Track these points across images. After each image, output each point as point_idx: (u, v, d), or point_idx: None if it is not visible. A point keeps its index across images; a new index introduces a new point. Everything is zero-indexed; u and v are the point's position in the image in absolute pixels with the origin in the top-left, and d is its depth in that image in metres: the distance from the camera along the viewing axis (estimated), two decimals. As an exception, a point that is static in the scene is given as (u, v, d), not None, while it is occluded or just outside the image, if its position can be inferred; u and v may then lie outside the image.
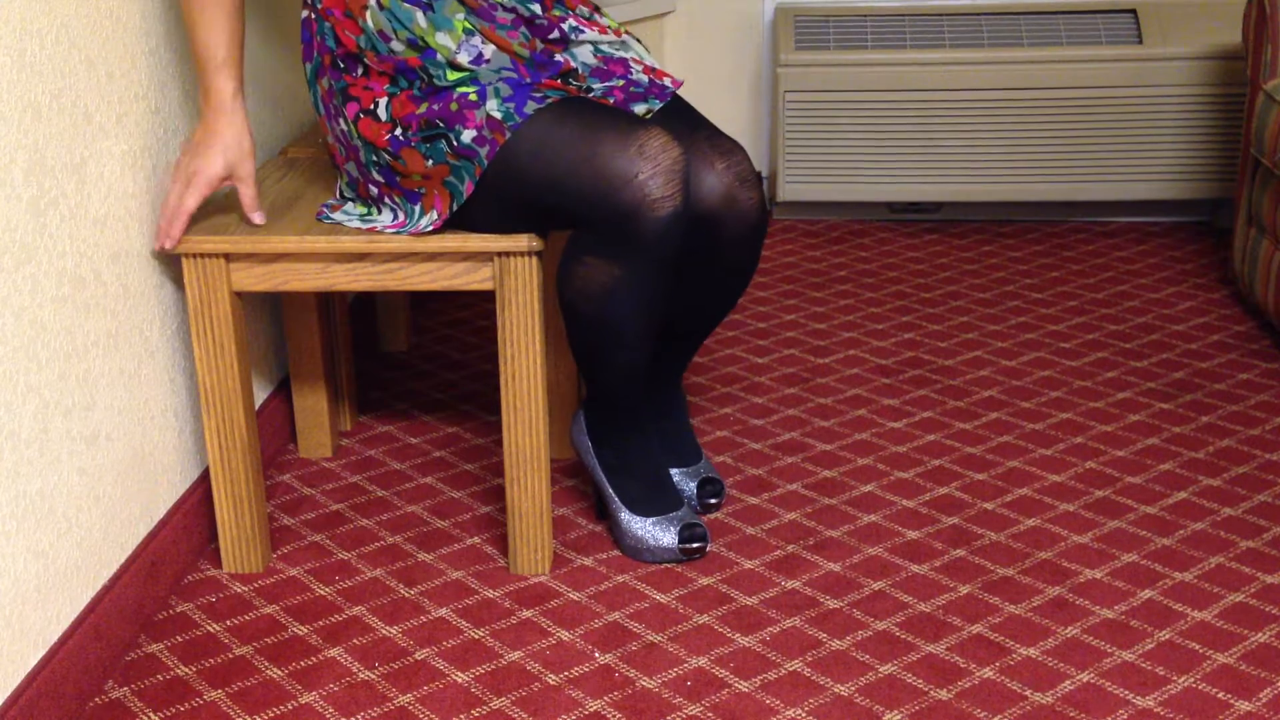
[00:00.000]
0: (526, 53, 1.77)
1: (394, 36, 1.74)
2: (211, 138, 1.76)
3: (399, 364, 2.62)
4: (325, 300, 2.21)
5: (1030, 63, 3.15)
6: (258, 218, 1.79)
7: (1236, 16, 3.16)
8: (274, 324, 2.26)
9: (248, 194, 1.79)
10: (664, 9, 3.31)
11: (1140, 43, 3.14)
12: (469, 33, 1.74)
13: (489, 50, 1.75)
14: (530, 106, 1.72)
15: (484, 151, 1.72)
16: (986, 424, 2.33)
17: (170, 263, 1.89)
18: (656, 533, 1.92)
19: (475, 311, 2.88)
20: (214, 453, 1.87)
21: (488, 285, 1.81)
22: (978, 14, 3.23)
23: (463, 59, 1.74)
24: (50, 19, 1.57)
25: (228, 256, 1.80)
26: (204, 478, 1.99)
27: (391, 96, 1.77)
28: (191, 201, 1.76)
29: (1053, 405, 2.39)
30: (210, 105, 1.75)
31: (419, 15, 1.74)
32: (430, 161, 1.75)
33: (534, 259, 1.78)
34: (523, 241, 1.77)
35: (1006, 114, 3.19)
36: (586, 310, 1.78)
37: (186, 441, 1.95)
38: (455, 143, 1.73)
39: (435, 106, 1.74)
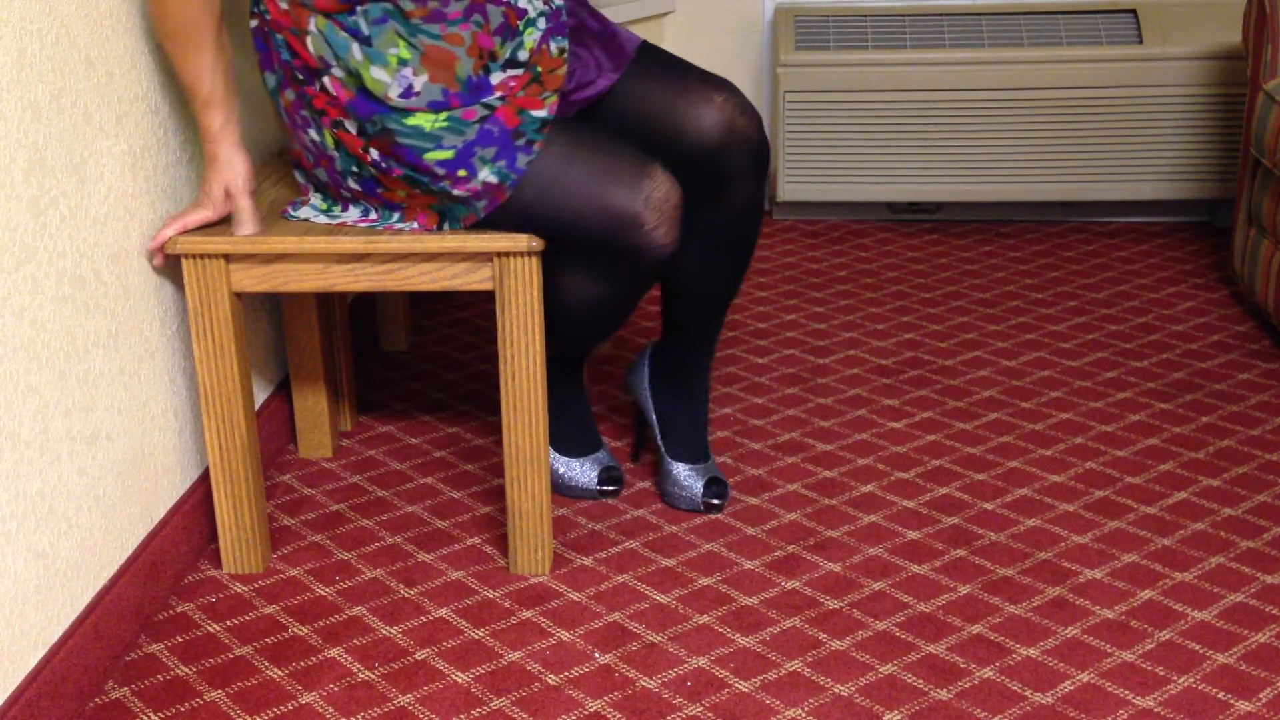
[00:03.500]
0: (465, 72, 1.75)
1: (335, 64, 1.75)
2: (208, 166, 1.81)
3: (399, 364, 2.62)
4: (325, 300, 2.21)
5: (1030, 63, 3.15)
6: (243, 229, 1.80)
7: (1236, 16, 3.16)
8: (274, 324, 2.26)
9: (240, 206, 1.81)
10: (664, 9, 3.31)
11: (1140, 43, 3.14)
12: (403, 62, 1.73)
13: (419, 82, 1.73)
14: (522, 160, 1.75)
15: (481, 205, 1.76)
16: (986, 424, 2.33)
17: (170, 263, 1.89)
18: (578, 472, 2.10)
19: (475, 311, 2.88)
20: (214, 453, 1.87)
21: (487, 285, 1.81)
22: (978, 14, 3.23)
23: (394, 94, 1.73)
24: (50, 19, 1.57)
25: (227, 257, 1.80)
26: (204, 478, 1.99)
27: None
28: (192, 219, 1.80)
29: (1053, 405, 2.39)
30: (203, 138, 1.80)
31: (354, 47, 1.73)
32: (416, 189, 1.78)
33: (534, 259, 1.78)
34: (523, 241, 1.77)
35: (1006, 114, 3.19)
36: (568, 310, 1.90)
37: (186, 441, 1.95)
38: (444, 195, 1.76)
39: (419, 175, 1.76)
